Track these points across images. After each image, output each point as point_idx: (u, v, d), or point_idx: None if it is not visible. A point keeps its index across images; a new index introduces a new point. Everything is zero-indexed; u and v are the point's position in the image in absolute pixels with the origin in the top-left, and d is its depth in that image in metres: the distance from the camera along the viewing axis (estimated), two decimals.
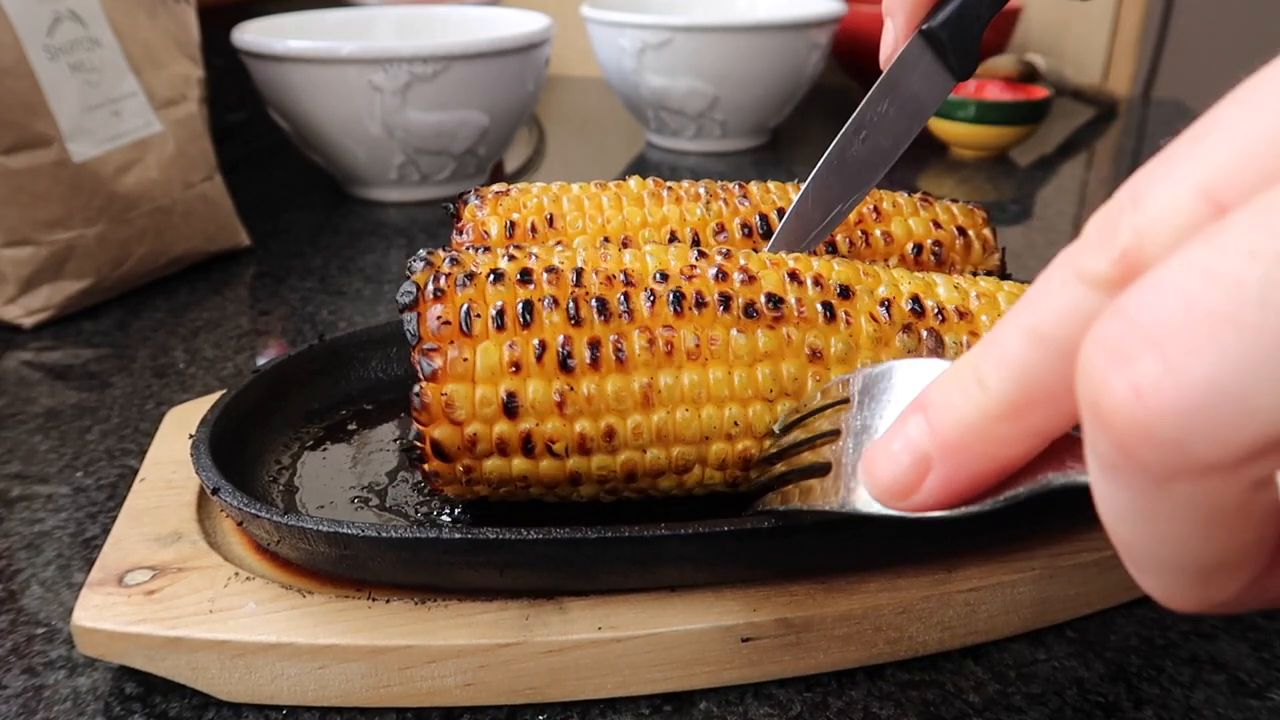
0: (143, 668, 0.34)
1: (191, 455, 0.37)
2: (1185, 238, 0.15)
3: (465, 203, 0.45)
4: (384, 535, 0.32)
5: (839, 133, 0.40)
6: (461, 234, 0.44)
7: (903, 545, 0.37)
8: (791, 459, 0.32)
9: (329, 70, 0.80)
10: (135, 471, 0.47)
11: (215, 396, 0.43)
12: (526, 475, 0.35)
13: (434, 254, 0.36)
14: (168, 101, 0.70)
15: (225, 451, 0.38)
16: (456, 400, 0.34)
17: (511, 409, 0.34)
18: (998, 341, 0.19)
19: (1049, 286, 0.18)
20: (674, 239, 0.44)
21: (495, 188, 0.45)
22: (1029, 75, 1.12)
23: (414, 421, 0.34)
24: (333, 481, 0.42)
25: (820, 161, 0.40)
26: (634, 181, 0.46)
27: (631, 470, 0.36)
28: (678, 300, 0.34)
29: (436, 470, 0.35)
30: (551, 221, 0.44)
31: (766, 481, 0.34)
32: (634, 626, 0.34)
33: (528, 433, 0.34)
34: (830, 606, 0.35)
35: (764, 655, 0.35)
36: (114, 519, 0.39)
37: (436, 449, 0.34)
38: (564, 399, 0.34)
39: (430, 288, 0.35)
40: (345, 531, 0.32)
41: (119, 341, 0.63)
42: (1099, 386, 0.15)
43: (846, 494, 0.26)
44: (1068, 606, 0.38)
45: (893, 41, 0.39)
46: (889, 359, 0.36)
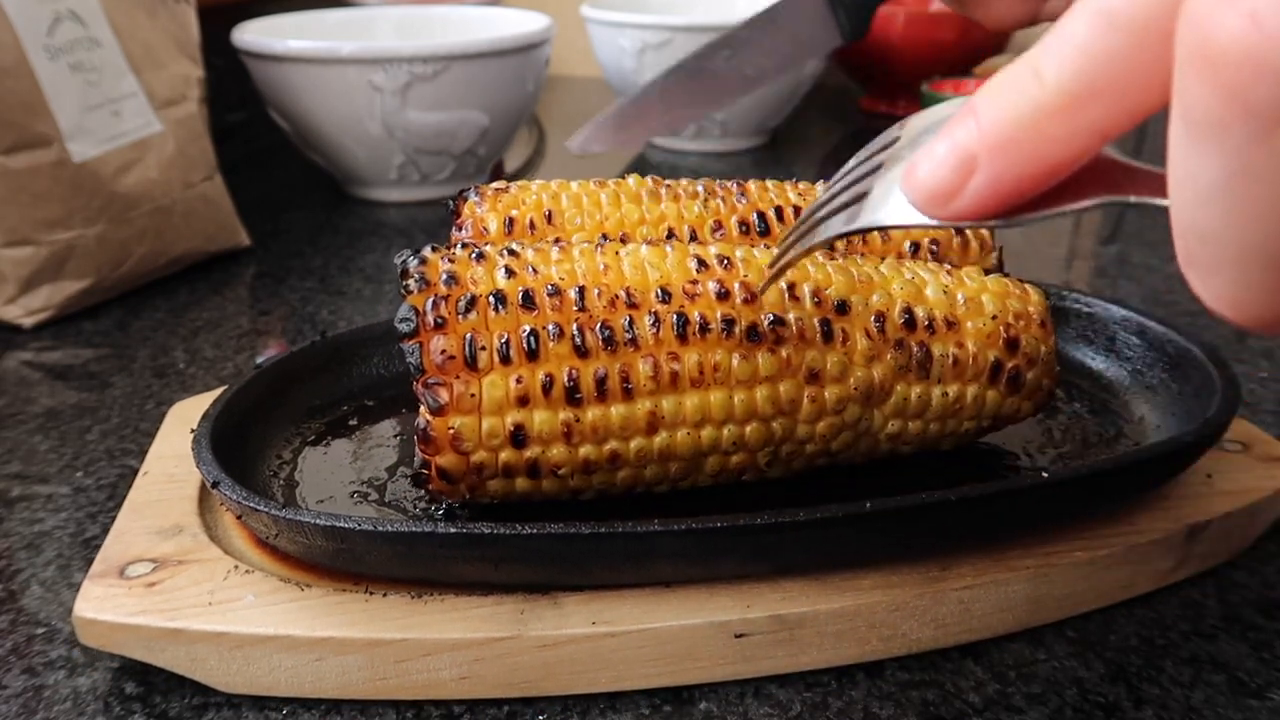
0: (142, 659, 0.34)
1: (193, 450, 0.37)
2: None
3: (465, 199, 0.45)
4: (380, 529, 0.32)
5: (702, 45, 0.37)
6: (461, 230, 0.44)
7: (897, 542, 0.37)
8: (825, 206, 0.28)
9: (329, 70, 0.80)
10: (135, 471, 0.47)
11: (218, 392, 0.43)
12: (529, 492, 0.36)
13: (427, 262, 0.35)
14: (168, 101, 0.70)
15: (227, 446, 0.38)
16: (464, 434, 0.34)
17: (519, 440, 0.34)
18: (1062, 29, 0.18)
19: None
20: (672, 236, 0.44)
21: (495, 185, 0.46)
22: None
23: (418, 448, 0.35)
24: (333, 476, 0.42)
25: (677, 62, 0.37)
26: (632, 179, 0.46)
27: (630, 485, 0.37)
28: (682, 325, 0.35)
29: (440, 490, 0.36)
30: (550, 219, 0.44)
31: (789, 238, 0.29)
32: (628, 622, 0.34)
33: (533, 460, 0.35)
34: (824, 603, 0.35)
35: (758, 651, 0.35)
36: (114, 519, 0.39)
37: (442, 474, 0.35)
38: (570, 429, 0.34)
39: (430, 316, 0.34)
40: (342, 525, 0.32)
41: (119, 341, 0.63)
42: (1208, 23, 0.14)
43: (878, 210, 0.23)
44: (1062, 605, 0.38)
45: None
46: (885, 378, 0.37)
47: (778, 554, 0.35)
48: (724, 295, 0.35)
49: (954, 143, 0.20)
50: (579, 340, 0.34)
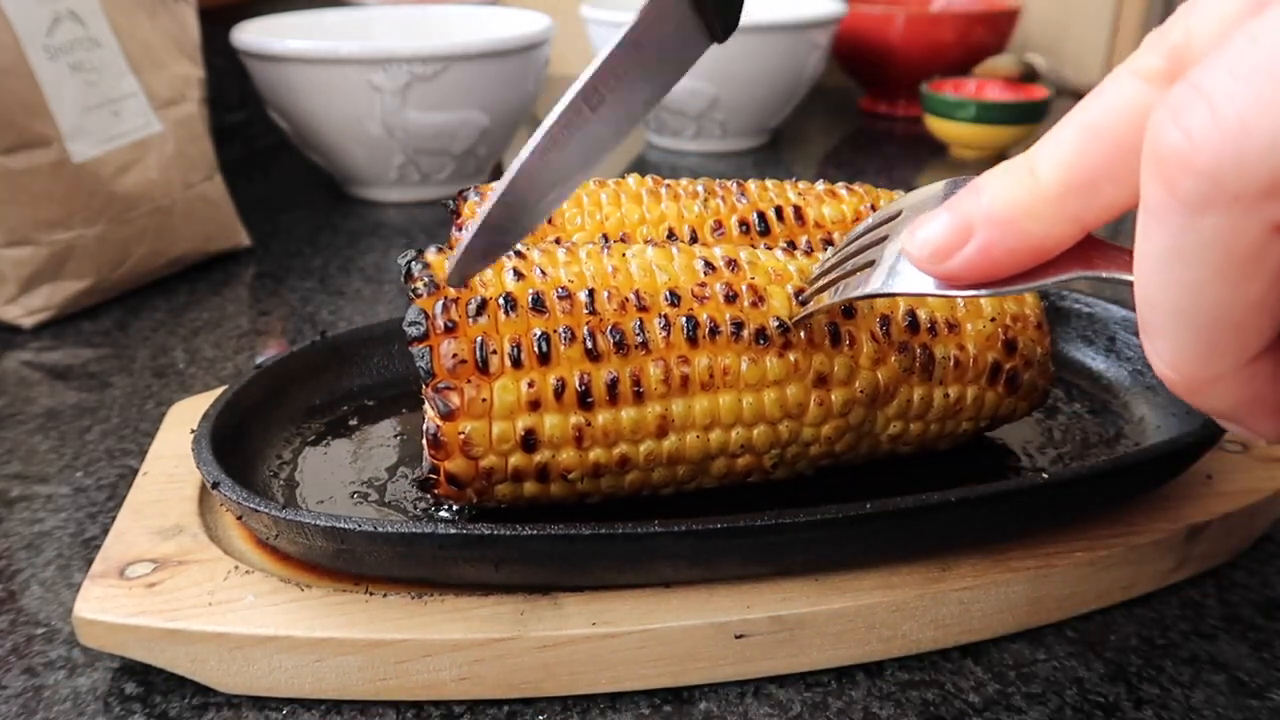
0: (142, 659, 0.34)
1: (193, 450, 0.37)
2: (1232, 28, 0.18)
3: (465, 199, 0.45)
4: (380, 530, 0.32)
5: (564, 99, 0.31)
6: (461, 230, 0.44)
7: (897, 543, 0.37)
8: (838, 268, 0.32)
9: (329, 70, 0.80)
10: (135, 471, 0.47)
11: (218, 392, 0.43)
12: (537, 496, 0.36)
13: (432, 265, 0.35)
14: (168, 101, 0.70)
15: (227, 446, 0.38)
16: (474, 438, 0.34)
17: (530, 444, 0.34)
18: (1054, 135, 0.22)
19: (1105, 87, 0.21)
20: (672, 236, 0.44)
21: (495, 184, 0.46)
22: (1029, 75, 1.12)
23: (427, 453, 0.34)
24: (333, 477, 0.42)
25: (537, 140, 0.32)
26: (633, 179, 0.46)
27: (638, 489, 0.37)
28: (692, 329, 0.35)
29: (447, 495, 0.36)
30: (551, 218, 0.44)
31: (806, 297, 0.35)
32: (628, 622, 0.34)
33: (544, 464, 0.35)
34: (824, 604, 0.35)
35: (758, 652, 0.35)
36: (114, 519, 0.39)
37: (451, 479, 0.35)
38: (582, 433, 0.34)
39: (440, 319, 0.34)
40: (342, 526, 0.32)
41: (119, 341, 0.63)
42: (1159, 135, 0.18)
43: (886, 278, 0.27)
44: (1061, 606, 0.38)
45: None
46: (889, 380, 0.37)
47: (778, 555, 0.35)
48: (732, 298, 0.35)
49: (956, 211, 0.23)
50: (591, 344, 0.34)
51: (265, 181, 0.98)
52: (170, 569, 0.36)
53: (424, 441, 0.34)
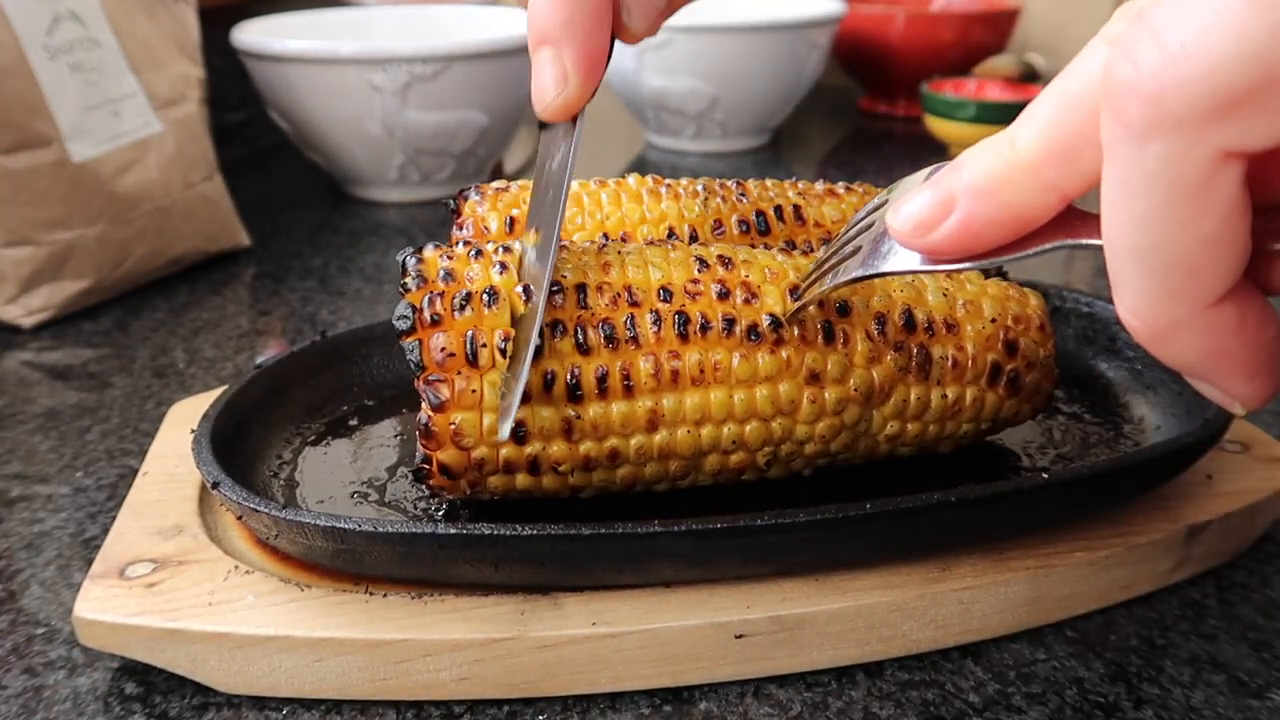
0: (143, 659, 0.34)
1: (193, 450, 0.37)
2: None
3: (465, 198, 0.45)
4: (380, 530, 0.32)
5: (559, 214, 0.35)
6: (462, 229, 0.44)
7: (897, 543, 0.37)
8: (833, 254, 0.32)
9: (329, 70, 0.80)
10: (135, 471, 0.47)
11: (218, 392, 0.43)
12: (530, 489, 0.36)
13: (424, 261, 0.35)
14: (168, 101, 0.70)
15: (227, 446, 0.38)
16: (465, 429, 0.34)
17: (519, 436, 0.34)
18: (1031, 107, 0.22)
19: (1080, 58, 0.21)
20: (672, 235, 0.44)
21: (495, 184, 0.46)
22: (1029, 75, 1.12)
23: (420, 444, 0.35)
24: (333, 476, 0.42)
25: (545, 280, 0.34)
26: (633, 179, 0.46)
27: (630, 483, 0.37)
28: (683, 324, 0.35)
29: (441, 485, 0.36)
30: None
31: (801, 291, 0.35)
32: (628, 622, 0.34)
33: (534, 456, 0.35)
34: (824, 604, 0.35)
35: (758, 652, 0.35)
36: (114, 519, 0.39)
37: (443, 469, 0.35)
38: (571, 426, 0.34)
39: (427, 312, 0.34)
40: (342, 526, 0.32)
41: (119, 341, 0.63)
42: (1110, 71, 0.18)
43: (870, 260, 0.27)
44: (1062, 606, 0.38)
45: (574, 95, 0.34)
46: (885, 380, 0.37)
47: (778, 555, 0.35)
48: (725, 294, 0.35)
49: (938, 185, 0.24)
50: (581, 337, 0.34)
51: (265, 181, 0.98)
52: (170, 569, 0.36)
53: (416, 432, 0.34)
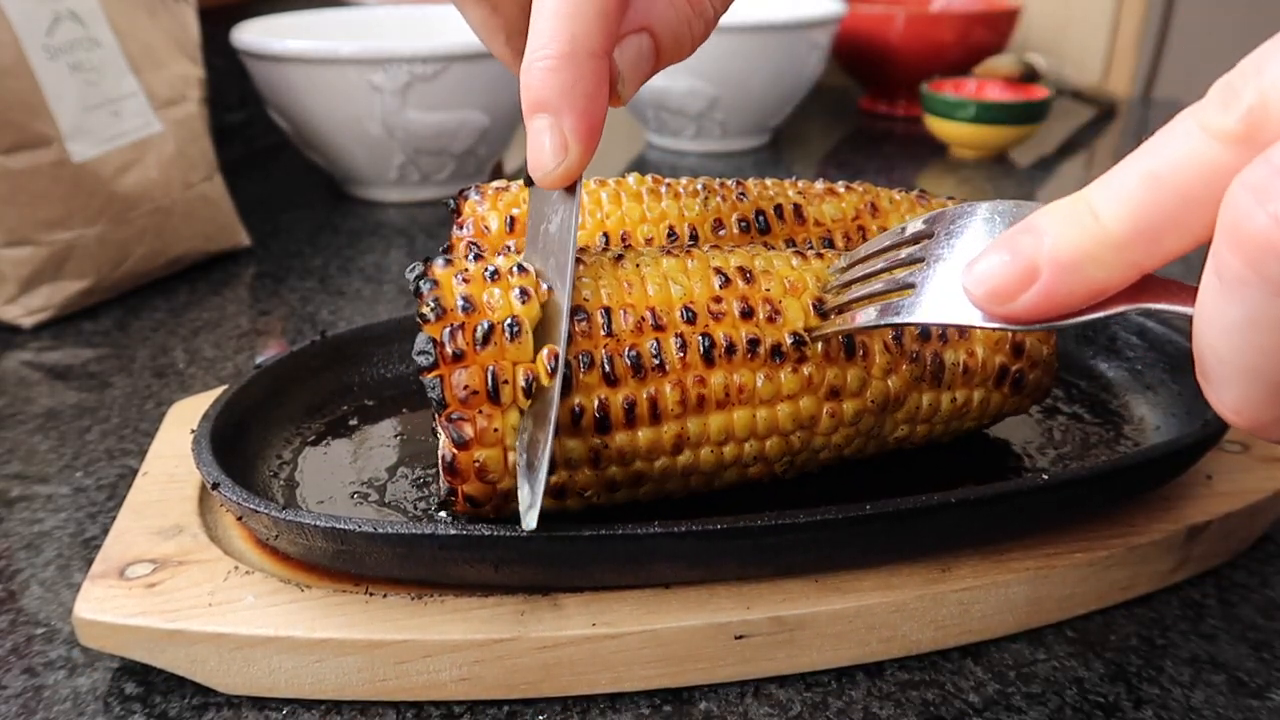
0: (142, 659, 0.34)
1: (193, 450, 0.37)
2: None
3: (466, 198, 0.45)
4: (380, 531, 0.32)
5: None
6: (462, 229, 0.44)
7: (897, 543, 0.37)
8: (861, 285, 0.32)
9: (329, 70, 0.80)
10: (135, 471, 0.47)
11: (218, 392, 0.43)
12: (551, 509, 0.36)
13: (440, 286, 0.34)
14: (168, 101, 0.70)
15: (227, 446, 0.38)
16: (489, 465, 0.33)
17: (550, 468, 0.34)
18: (1115, 180, 0.22)
19: (1171, 138, 0.21)
20: (672, 235, 0.44)
21: (495, 184, 0.46)
22: (1029, 75, 1.12)
23: (444, 479, 0.34)
24: (333, 477, 0.42)
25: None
26: (633, 178, 0.46)
27: (651, 498, 0.37)
28: (708, 348, 0.34)
29: (466, 511, 0.35)
30: None
31: (828, 310, 0.35)
32: (628, 623, 0.34)
33: (560, 484, 0.35)
34: (824, 604, 0.35)
35: (757, 652, 0.35)
36: (114, 519, 0.39)
37: (468, 499, 0.34)
38: (599, 455, 0.34)
39: (449, 347, 0.33)
40: (342, 527, 0.32)
41: (119, 341, 0.63)
42: (1243, 215, 0.18)
43: (926, 308, 0.27)
44: (1062, 606, 0.38)
45: (575, 163, 0.34)
46: (900, 389, 0.37)
47: (778, 555, 0.35)
48: (748, 314, 0.35)
49: (1019, 252, 0.23)
50: (608, 368, 0.34)
51: (265, 181, 0.98)
52: (170, 569, 0.36)
53: (439, 466, 0.34)
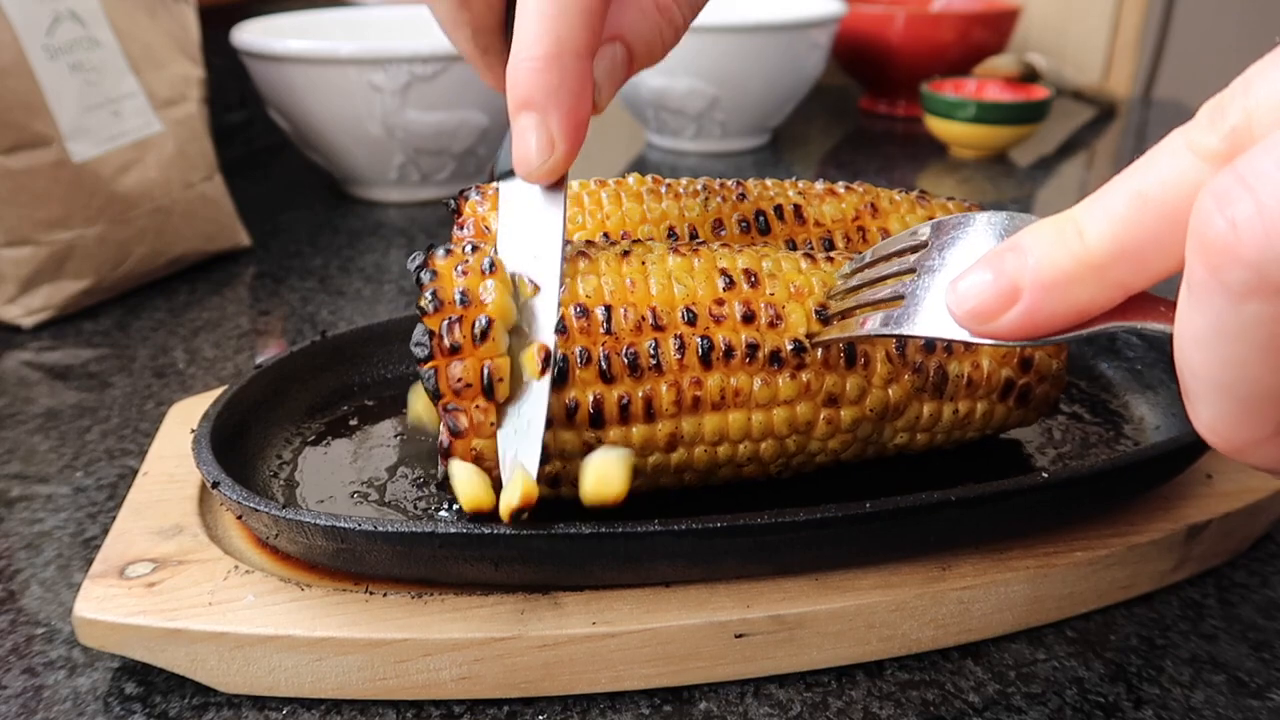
0: (142, 659, 0.34)
1: (193, 450, 0.37)
2: None
3: (466, 198, 0.45)
4: (380, 530, 0.32)
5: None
6: (463, 229, 0.44)
7: (897, 543, 0.37)
8: (863, 291, 0.32)
9: (329, 70, 0.80)
10: (135, 471, 0.47)
11: (218, 392, 0.43)
12: (546, 496, 0.36)
13: (440, 277, 0.34)
14: (168, 101, 0.70)
15: (227, 446, 0.38)
16: (485, 454, 0.34)
17: (542, 458, 0.34)
18: (1103, 200, 0.22)
19: (1159, 157, 0.21)
20: (673, 235, 0.44)
21: (495, 184, 0.46)
22: (1029, 75, 1.12)
23: (441, 463, 0.34)
24: (333, 476, 0.42)
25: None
26: (633, 178, 0.46)
27: (643, 491, 0.37)
28: (706, 350, 0.34)
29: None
30: None
31: (829, 316, 0.35)
32: (628, 622, 0.34)
33: (554, 474, 0.35)
34: (823, 603, 0.35)
35: (757, 651, 0.35)
36: (114, 519, 0.39)
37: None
38: (592, 448, 0.34)
39: (446, 339, 0.33)
40: (342, 525, 0.32)
41: (119, 341, 0.63)
42: (1205, 221, 0.18)
43: (915, 320, 0.27)
44: (1061, 605, 0.38)
45: (561, 159, 0.34)
46: (900, 399, 0.37)
47: (777, 554, 0.35)
48: (749, 318, 0.35)
49: (1002, 272, 0.23)
50: (605, 366, 0.34)
51: (265, 181, 0.98)
52: (170, 569, 0.36)
53: (438, 453, 0.34)
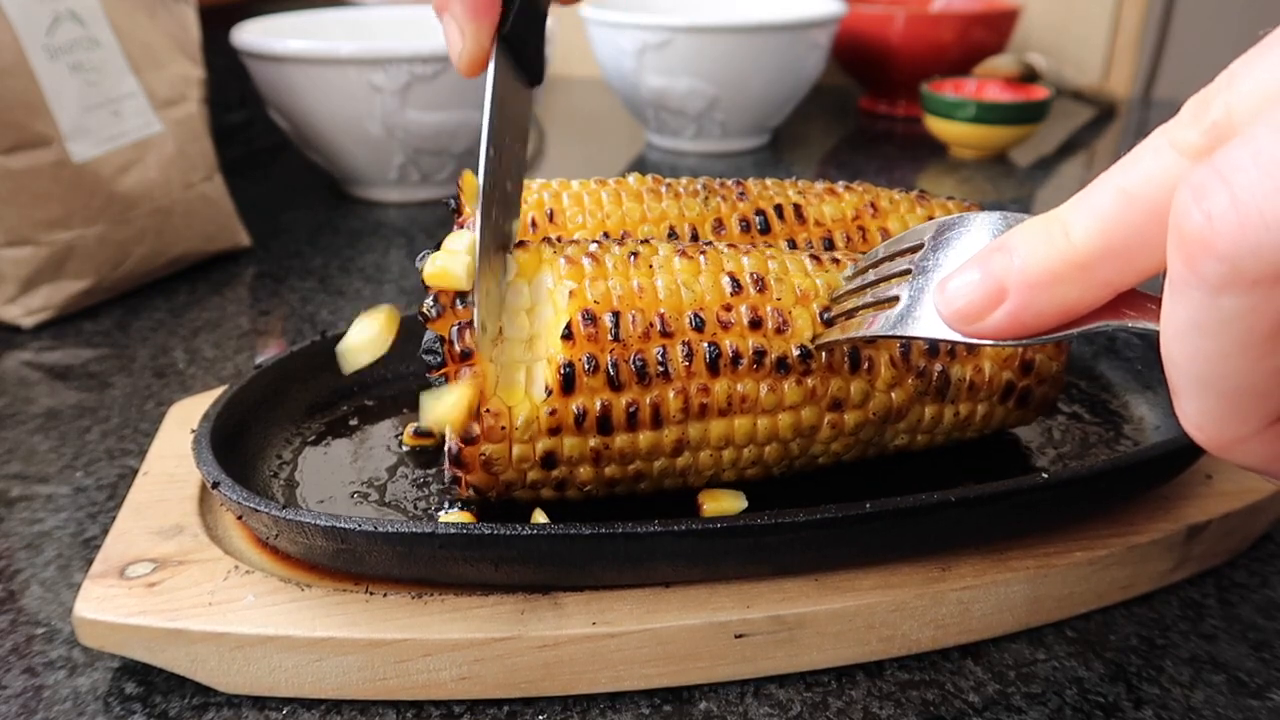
0: (143, 659, 0.34)
1: (193, 450, 0.37)
2: (1270, 109, 0.18)
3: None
4: (381, 530, 0.32)
5: (482, 172, 0.36)
6: (462, 229, 0.44)
7: (896, 543, 0.37)
8: (865, 293, 0.32)
9: (329, 70, 0.80)
10: (135, 471, 0.47)
11: (218, 392, 0.43)
12: (552, 499, 0.37)
13: (441, 293, 0.34)
14: (168, 101, 0.70)
15: (227, 446, 0.38)
16: (495, 459, 0.34)
17: (549, 463, 0.35)
18: (1088, 198, 0.21)
19: (1142, 153, 0.21)
20: (673, 235, 0.44)
21: None
22: (1029, 75, 1.12)
23: (450, 468, 0.35)
24: (333, 476, 0.42)
25: (480, 202, 0.36)
26: (633, 178, 0.46)
27: (649, 493, 0.37)
28: (714, 357, 0.35)
29: (469, 496, 0.36)
30: (552, 217, 0.44)
31: (832, 318, 0.35)
32: (628, 622, 0.34)
33: (561, 479, 0.35)
34: (824, 603, 0.35)
35: (758, 651, 0.35)
36: (114, 519, 0.39)
37: (471, 486, 0.35)
38: (599, 455, 0.35)
39: (458, 346, 0.33)
40: (343, 526, 0.32)
41: (119, 341, 0.63)
42: (1182, 215, 0.18)
43: (908, 320, 0.27)
44: (1061, 606, 0.38)
45: (471, 45, 0.36)
46: (902, 402, 0.37)
47: (778, 554, 0.35)
48: (757, 324, 0.35)
49: (988, 272, 0.23)
50: (613, 373, 0.34)
51: (265, 181, 0.98)
52: (170, 569, 0.36)
53: (445, 459, 0.34)
